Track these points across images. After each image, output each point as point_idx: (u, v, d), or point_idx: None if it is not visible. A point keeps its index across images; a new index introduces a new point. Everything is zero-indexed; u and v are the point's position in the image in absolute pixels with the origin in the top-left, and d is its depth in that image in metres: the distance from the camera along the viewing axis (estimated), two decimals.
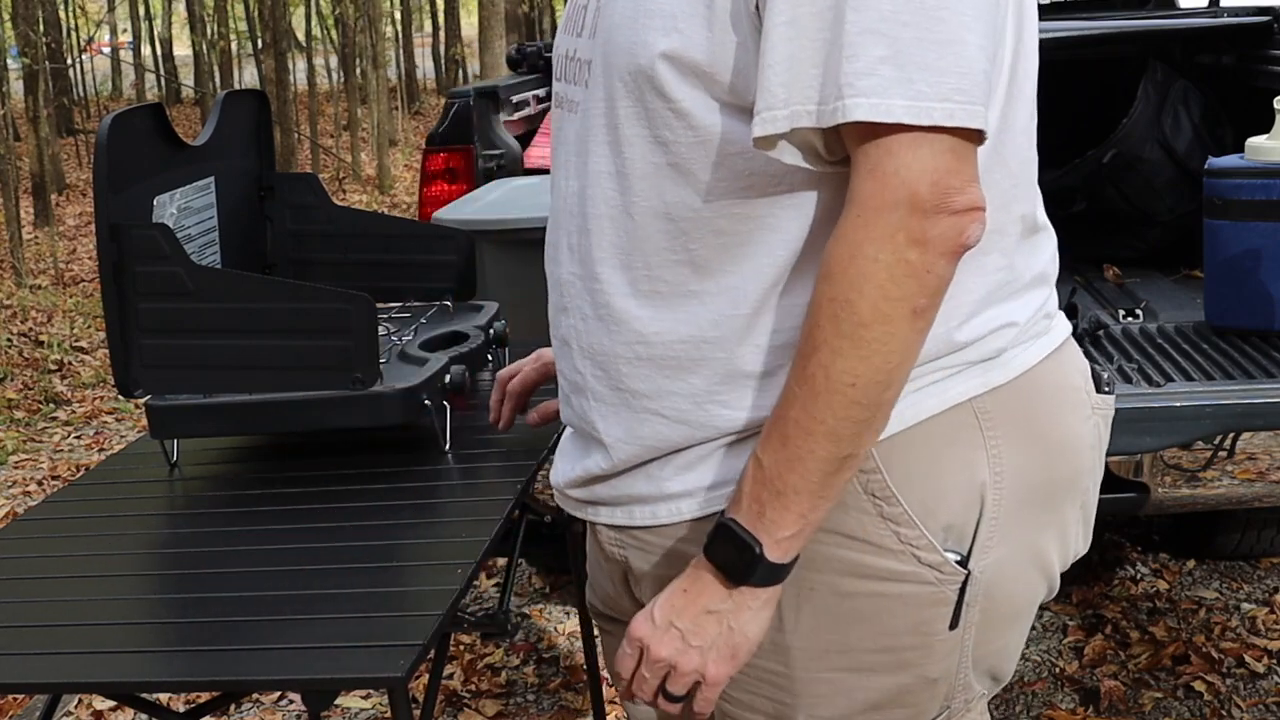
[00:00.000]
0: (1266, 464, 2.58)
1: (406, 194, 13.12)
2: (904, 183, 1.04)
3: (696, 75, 1.12)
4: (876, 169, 1.04)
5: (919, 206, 1.04)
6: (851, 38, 1.03)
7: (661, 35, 1.12)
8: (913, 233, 1.04)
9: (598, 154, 1.20)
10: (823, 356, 1.07)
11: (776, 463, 1.10)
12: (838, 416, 1.08)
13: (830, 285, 1.07)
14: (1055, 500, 1.26)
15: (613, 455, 1.25)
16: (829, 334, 1.06)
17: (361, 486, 1.71)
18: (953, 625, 1.21)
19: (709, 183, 1.15)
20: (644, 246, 1.19)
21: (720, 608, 1.14)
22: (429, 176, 3.57)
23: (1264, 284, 2.75)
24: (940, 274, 1.06)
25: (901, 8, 1.03)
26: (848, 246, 1.06)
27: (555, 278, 1.29)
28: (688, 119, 1.13)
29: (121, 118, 1.74)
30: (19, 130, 14.47)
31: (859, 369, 1.07)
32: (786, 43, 1.06)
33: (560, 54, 1.30)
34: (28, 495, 4.98)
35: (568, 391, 1.30)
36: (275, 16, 13.66)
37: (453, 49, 20.89)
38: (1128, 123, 3.54)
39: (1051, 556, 1.28)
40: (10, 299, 8.40)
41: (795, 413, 1.09)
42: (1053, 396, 1.26)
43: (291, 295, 1.72)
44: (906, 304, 1.05)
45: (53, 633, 1.37)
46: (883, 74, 1.03)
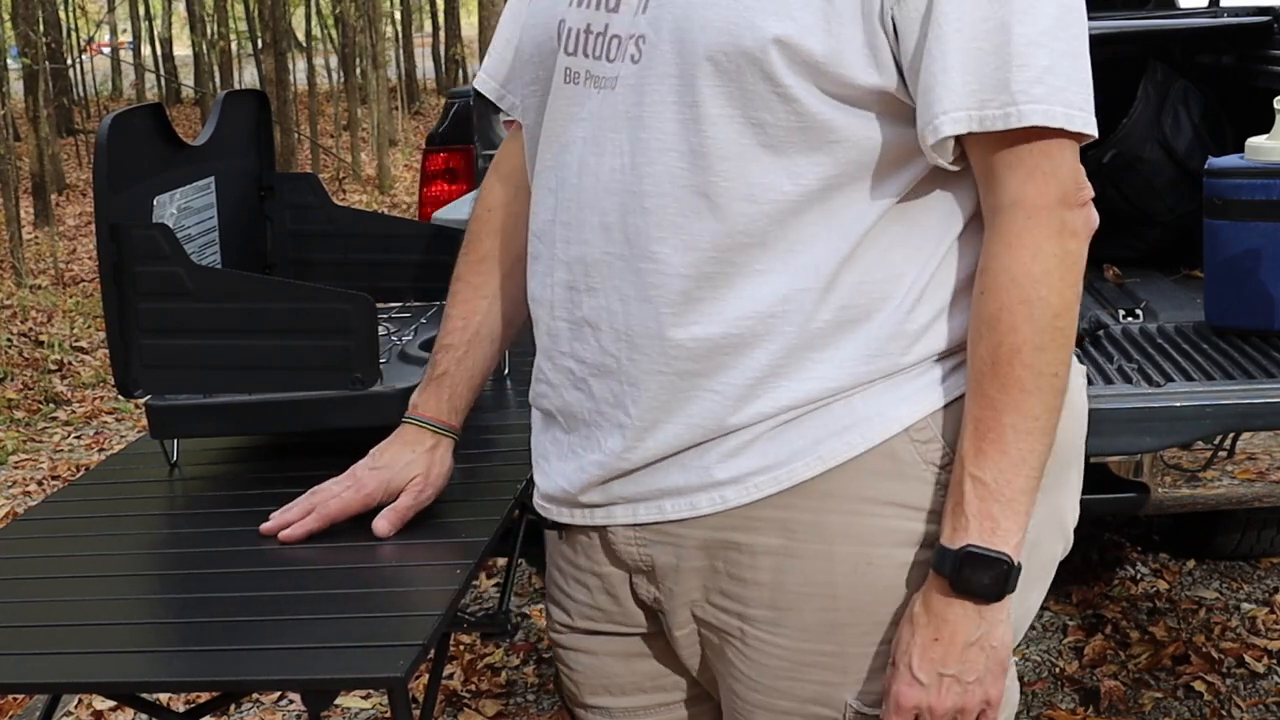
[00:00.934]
0: (1266, 464, 2.58)
1: (406, 194, 13.11)
2: (1059, 182, 1.16)
3: (807, 64, 1.14)
4: (1036, 171, 1.15)
5: (1072, 202, 1.16)
6: (1020, 48, 1.13)
7: (774, 20, 1.14)
8: (1070, 225, 1.16)
9: (661, 130, 1.19)
10: (1026, 356, 1.15)
11: (1001, 473, 1.15)
12: (1049, 408, 1.16)
13: (1018, 288, 1.15)
14: (1072, 461, 1.31)
15: (642, 439, 1.23)
16: (1029, 333, 1.15)
17: None
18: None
19: (803, 167, 1.17)
20: (716, 227, 1.18)
21: (977, 635, 1.17)
22: (429, 176, 3.57)
23: (1264, 284, 2.75)
24: (1084, 257, 1.18)
25: (1056, 23, 1.14)
26: (1027, 248, 1.15)
27: (576, 256, 1.26)
28: (794, 105, 1.15)
29: (121, 118, 1.74)
30: (19, 130, 14.47)
31: (1060, 358, 1.17)
32: (959, 51, 1.13)
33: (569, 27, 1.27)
34: (28, 495, 4.99)
35: (581, 375, 1.28)
36: (275, 16, 13.66)
37: (453, 49, 20.89)
38: (1128, 123, 3.54)
39: (1069, 515, 1.33)
40: (10, 299, 8.40)
41: (1010, 419, 1.15)
42: None
43: (291, 295, 1.72)
44: (1077, 288, 1.17)
45: (53, 633, 1.37)
46: (1048, 83, 1.13)
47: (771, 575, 1.23)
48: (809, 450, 1.20)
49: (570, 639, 1.43)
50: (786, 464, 1.20)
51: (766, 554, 1.23)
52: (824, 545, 1.21)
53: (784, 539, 1.22)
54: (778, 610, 1.24)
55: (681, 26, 1.18)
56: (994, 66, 1.13)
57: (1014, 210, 1.16)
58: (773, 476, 1.21)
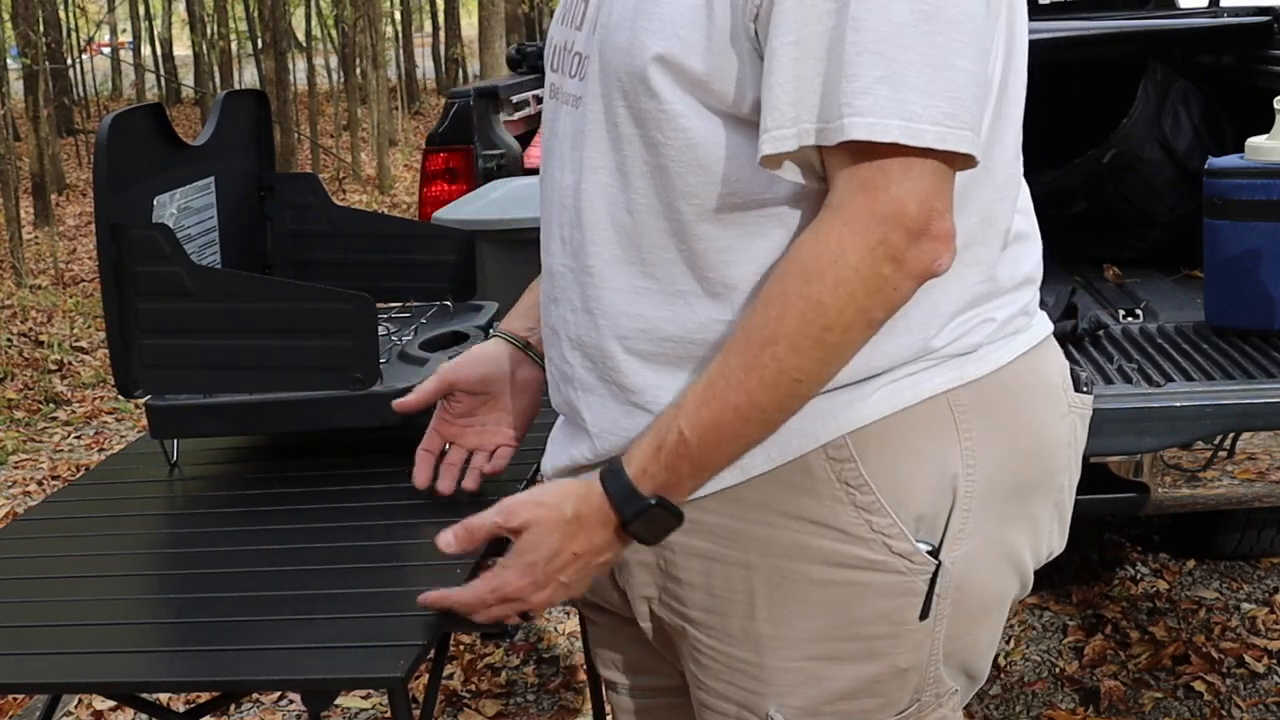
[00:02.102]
0: (1266, 464, 2.58)
1: (406, 194, 13.12)
2: (894, 199, 1.07)
3: (691, 82, 1.13)
4: (868, 184, 1.07)
5: (905, 224, 1.07)
6: (851, 57, 1.06)
7: (660, 39, 1.13)
8: (893, 249, 1.07)
9: (595, 149, 1.21)
10: (779, 350, 1.10)
11: (706, 444, 1.14)
12: (777, 406, 1.13)
13: (805, 284, 1.09)
14: (1029, 496, 1.27)
15: (597, 445, 1.26)
16: (792, 330, 1.09)
17: (361, 486, 1.71)
18: (923, 616, 1.22)
19: (694, 186, 1.16)
20: (640, 244, 1.20)
21: (606, 559, 1.21)
22: (429, 176, 3.57)
23: (1264, 284, 2.75)
24: (904, 294, 1.10)
25: (898, 30, 1.05)
26: (830, 251, 1.08)
27: (547, 268, 1.30)
28: (676, 121, 1.15)
29: (121, 118, 1.74)
30: (19, 130, 14.47)
31: (810, 368, 1.11)
32: (793, 63, 1.08)
33: (555, 44, 1.31)
34: (28, 495, 4.99)
35: (557, 380, 1.32)
36: (275, 16, 13.67)
37: (453, 49, 20.90)
38: (1128, 123, 3.54)
39: (1024, 553, 1.29)
40: (10, 299, 8.41)
41: (735, 398, 1.12)
42: (1028, 393, 1.27)
43: (291, 295, 1.72)
44: (868, 314, 1.10)
45: (53, 633, 1.37)
46: (879, 93, 1.05)
47: (702, 578, 1.25)
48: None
49: (588, 610, 1.48)
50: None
51: (696, 556, 1.24)
52: (743, 554, 1.23)
53: (709, 543, 1.23)
54: (709, 613, 1.26)
55: (603, 49, 1.20)
56: (823, 79, 1.07)
57: (833, 211, 1.09)
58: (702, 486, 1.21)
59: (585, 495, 1.19)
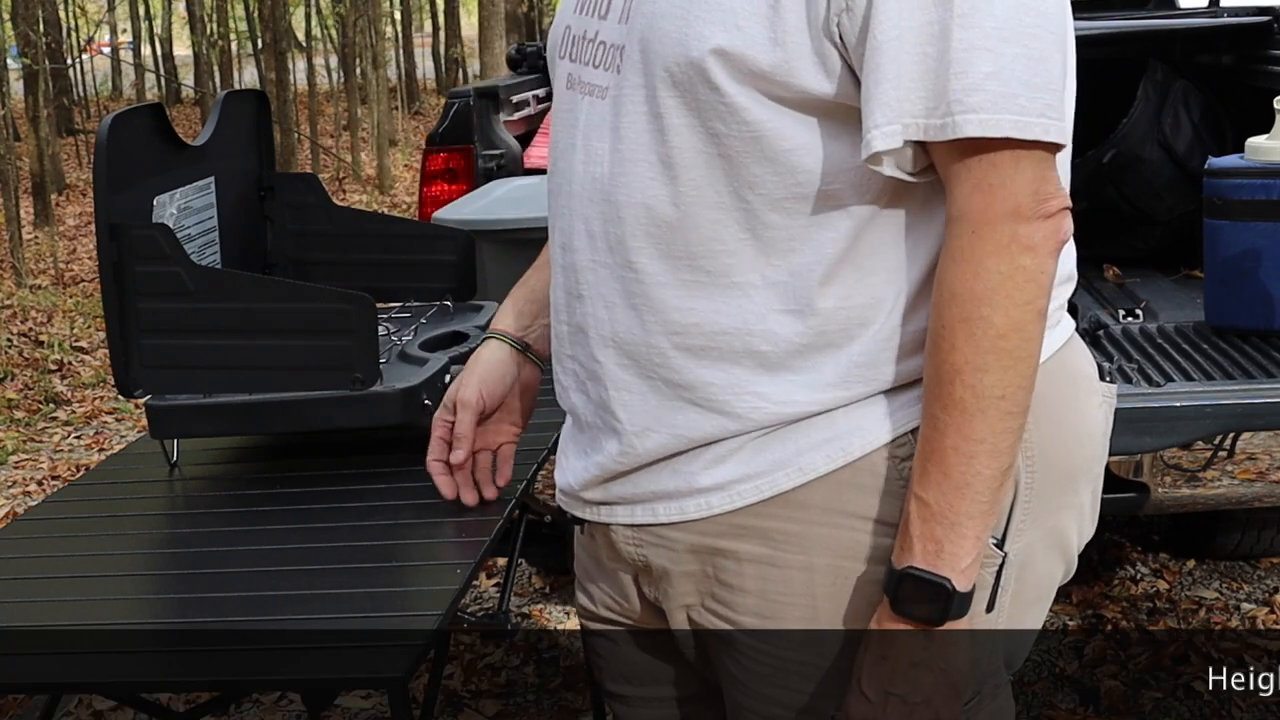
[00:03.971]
0: (1266, 464, 2.58)
1: (406, 194, 13.11)
2: (1010, 195, 1.09)
3: (754, 75, 1.13)
4: (982, 183, 1.09)
5: (1023, 216, 1.10)
6: (959, 54, 1.07)
7: (720, 30, 1.12)
8: (1022, 240, 1.10)
9: (634, 140, 1.19)
10: (967, 377, 1.10)
11: (943, 495, 1.12)
12: (995, 432, 1.11)
13: (959, 306, 1.10)
14: (1077, 483, 1.29)
15: (634, 445, 1.24)
16: (968, 353, 1.10)
17: (361, 486, 1.71)
18: (989, 608, 1.22)
19: (760, 177, 1.16)
20: (689, 236, 1.18)
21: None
22: (429, 176, 3.57)
23: (1264, 284, 2.75)
24: (1050, 272, 1.12)
25: (1004, 25, 1.08)
26: (970, 264, 1.10)
27: (568, 264, 1.27)
28: (739, 114, 1.14)
29: (121, 118, 1.74)
30: (19, 130, 14.47)
31: (1006, 380, 1.11)
32: (894, 60, 1.09)
33: (574, 34, 1.28)
34: (28, 495, 4.99)
35: (582, 378, 1.29)
36: (275, 16, 13.66)
37: (453, 49, 20.88)
38: (1128, 123, 3.54)
39: (1072, 538, 1.31)
40: (10, 299, 8.40)
41: (951, 440, 1.11)
42: (1070, 383, 1.28)
43: (291, 295, 1.72)
44: (1032, 307, 1.11)
45: (53, 633, 1.37)
46: (990, 90, 1.07)
47: (756, 583, 1.24)
48: (790, 461, 1.20)
49: (595, 626, 1.46)
50: (768, 474, 1.20)
51: (751, 561, 1.23)
52: (804, 556, 1.22)
53: (767, 548, 1.23)
54: (764, 618, 1.25)
55: (646, 38, 1.18)
56: (933, 75, 1.08)
57: (959, 224, 1.11)
58: (755, 485, 1.21)
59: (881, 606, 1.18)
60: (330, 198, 2.23)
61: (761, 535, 1.22)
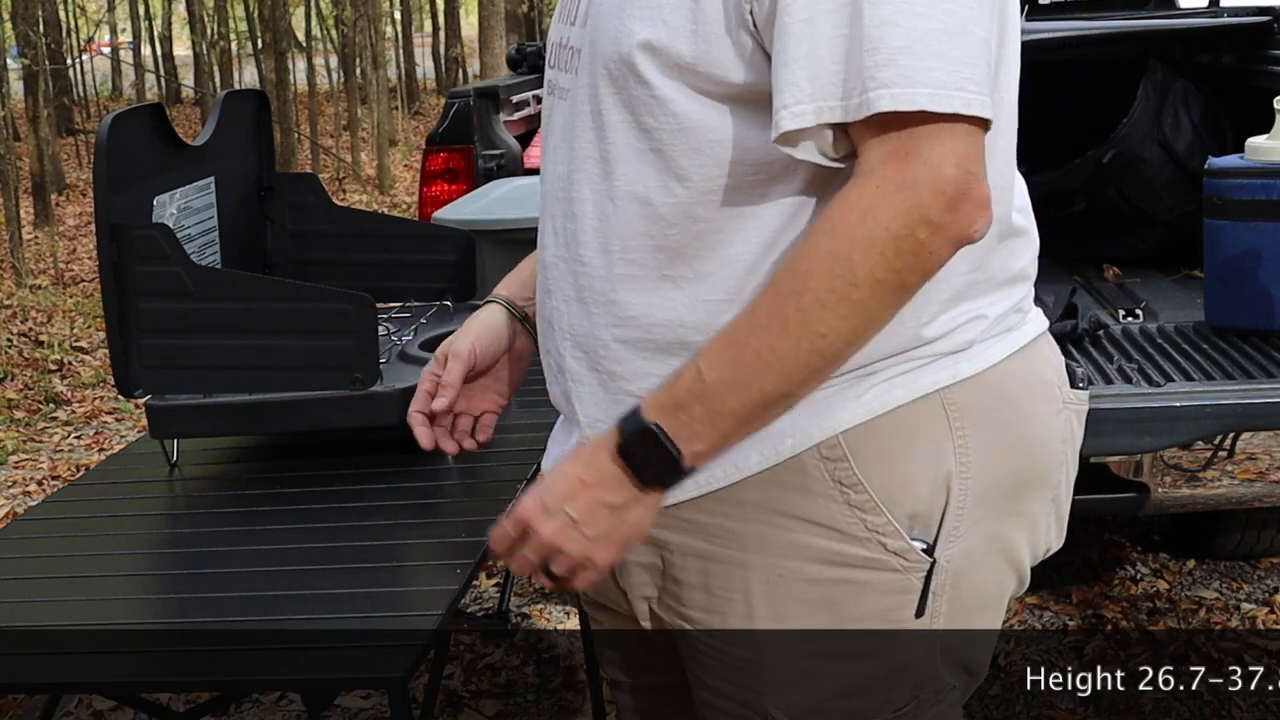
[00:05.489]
0: (1266, 464, 2.59)
1: (406, 194, 13.11)
2: (927, 163, 1.06)
3: (678, 67, 1.14)
4: (899, 151, 1.06)
5: (942, 188, 1.06)
6: (870, 30, 1.05)
7: (645, 25, 1.14)
8: (929, 213, 1.06)
9: (583, 139, 1.22)
10: (805, 301, 1.08)
11: (721, 384, 1.11)
12: (798, 360, 1.10)
13: (833, 240, 1.08)
14: (1025, 493, 1.27)
15: (589, 437, 1.25)
16: (819, 284, 1.08)
17: (361, 486, 1.71)
18: (919, 613, 1.22)
19: (689, 169, 1.17)
20: (623, 230, 1.20)
21: (619, 502, 1.14)
22: (429, 176, 3.57)
23: (1264, 284, 2.75)
24: (939, 259, 1.08)
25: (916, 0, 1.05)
26: (861, 210, 1.07)
27: (542, 261, 1.31)
28: (667, 106, 1.15)
29: (121, 118, 1.74)
30: (19, 130, 14.47)
31: (836, 324, 1.08)
32: (807, 40, 1.08)
33: (553, 41, 1.32)
34: (28, 495, 4.99)
35: (554, 371, 1.31)
36: (275, 16, 13.66)
37: (453, 49, 20.88)
38: (1128, 123, 3.54)
39: (1021, 549, 1.30)
40: (10, 299, 8.40)
41: (756, 343, 1.10)
42: (1022, 390, 1.27)
43: (291, 295, 1.72)
44: (900, 277, 1.07)
45: (53, 633, 1.37)
46: (902, 64, 1.05)
47: (700, 578, 1.25)
48: (726, 458, 1.20)
49: (592, 609, 1.47)
50: (705, 470, 1.20)
51: (694, 556, 1.25)
52: (740, 553, 1.23)
53: (707, 543, 1.24)
54: (709, 613, 1.26)
55: (592, 38, 1.21)
56: (845, 55, 1.06)
57: (862, 177, 1.08)
58: (695, 480, 1.20)
59: (597, 435, 1.17)
60: (330, 198, 2.23)
61: (703, 531, 1.23)
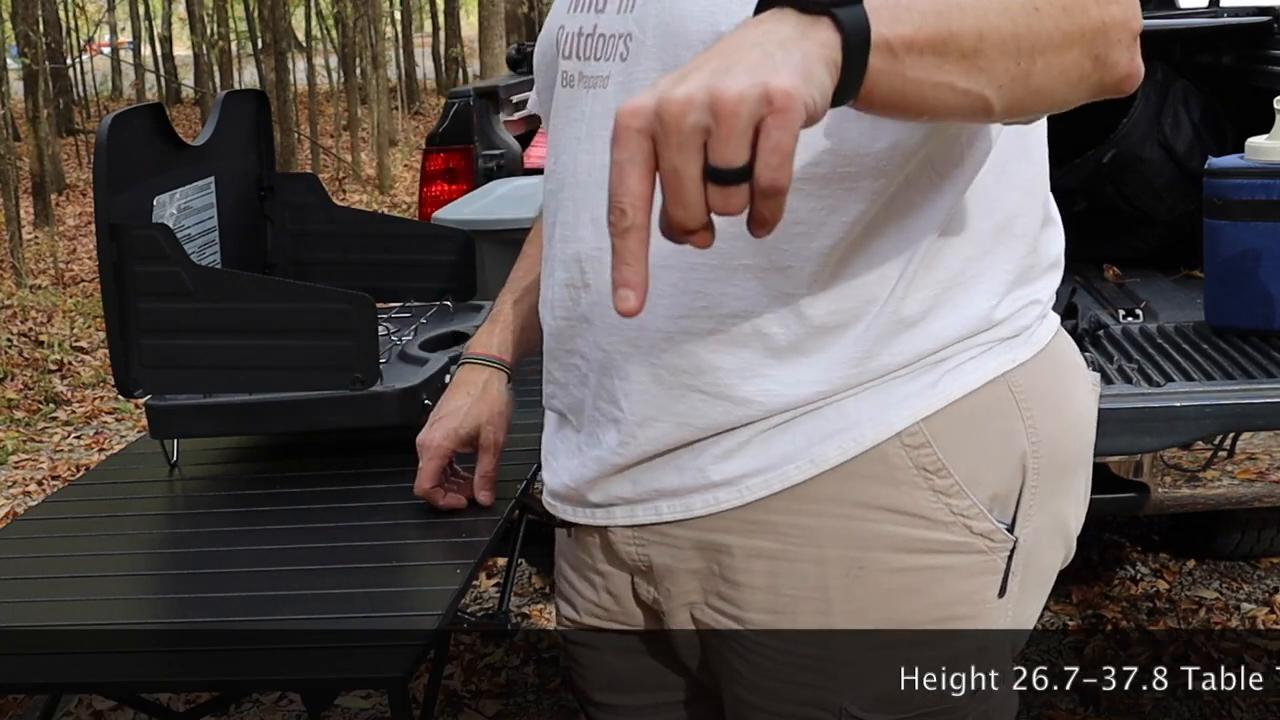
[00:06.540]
0: (1266, 464, 2.59)
1: (406, 194, 13.12)
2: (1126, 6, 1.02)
3: None
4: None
5: (1132, 29, 1.03)
6: None
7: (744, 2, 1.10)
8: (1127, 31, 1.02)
9: None
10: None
11: None
12: (1011, 17, 0.96)
13: None
14: (1076, 469, 1.30)
15: (635, 434, 1.23)
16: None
17: (361, 486, 1.71)
18: (1001, 593, 1.23)
19: None
20: None
21: (778, 38, 0.87)
22: (429, 176, 3.57)
23: (1264, 284, 2.75)
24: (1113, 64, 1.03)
25: None
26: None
27: (571, 255, 1.26)
28: None
29: (121, 118, 1.74)
30: (19, 130, 14.47)
31: (1044, 22, 0.97)
32: None
33: (568, 31, 1.28)
34: (28, 495, 4.99)
35: (584, 371, 1.28)
36: (275, 16, 13.67)
37: (453, 49, 20.88)
38: (1128, 123, 3.54)
39: (1071, 525, 1.33)
40: (10, 299, 8.40)
41: None
42: (1066, 370, 1.30)
43: (291, 295, 1.72)
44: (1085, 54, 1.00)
45: (53, 633, 1.37)
46: None
47: (766, 579, 1.23)
48: (801, 454, 1.19)
49: (577, 635, 1.44)
50: (779, 467, 1.20)
51: (760, 557, 1.23)
52: (816, 549, 1.21)
53: (777, 543, 1.22)
54: (774, 614, 1.24)
55: (665, 21, 1.17)
56: None
57: None
58: (764, 479, 1.20)
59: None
60: (330, 198, 2.23)
61: (772, 530, 1.22)
